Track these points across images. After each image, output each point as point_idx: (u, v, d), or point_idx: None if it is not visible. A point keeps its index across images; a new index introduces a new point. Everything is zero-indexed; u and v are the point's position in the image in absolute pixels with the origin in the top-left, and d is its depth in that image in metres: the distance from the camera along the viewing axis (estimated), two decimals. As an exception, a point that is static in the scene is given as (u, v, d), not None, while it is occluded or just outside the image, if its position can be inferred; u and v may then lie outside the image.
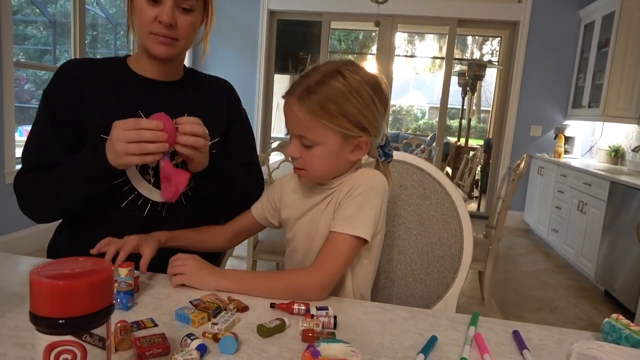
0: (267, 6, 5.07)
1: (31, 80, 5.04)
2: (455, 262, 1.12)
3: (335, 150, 0.90)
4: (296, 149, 0.91)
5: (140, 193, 1.04)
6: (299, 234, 0.99)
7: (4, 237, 2.98)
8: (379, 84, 0.90)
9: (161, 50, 1.00)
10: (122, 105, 1.03)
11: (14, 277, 0.90)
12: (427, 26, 6.46)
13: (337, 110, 0.86)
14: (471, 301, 2.88)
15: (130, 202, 1.04)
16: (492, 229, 2.56)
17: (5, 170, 2.96)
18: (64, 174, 0.97)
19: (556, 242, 4.00)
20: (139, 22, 0.99)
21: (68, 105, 1.01)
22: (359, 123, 0.88)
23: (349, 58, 0.93)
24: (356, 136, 0.89)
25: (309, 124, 0.87)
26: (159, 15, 0.96)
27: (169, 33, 0.98)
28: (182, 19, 0.99)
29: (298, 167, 0.93)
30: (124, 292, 0.77)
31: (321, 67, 0.89)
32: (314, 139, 0.88)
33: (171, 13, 0.97)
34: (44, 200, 1.00)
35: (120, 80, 1.06)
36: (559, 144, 4.47)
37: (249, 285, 0.85)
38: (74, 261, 0.48)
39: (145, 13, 0.97)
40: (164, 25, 0.97)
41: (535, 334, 0.79)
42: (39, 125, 1.03)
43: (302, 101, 0.86)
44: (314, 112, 0.86)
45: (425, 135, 9.36)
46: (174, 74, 1.11)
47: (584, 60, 4.51)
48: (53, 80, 1.04)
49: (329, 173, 0.94)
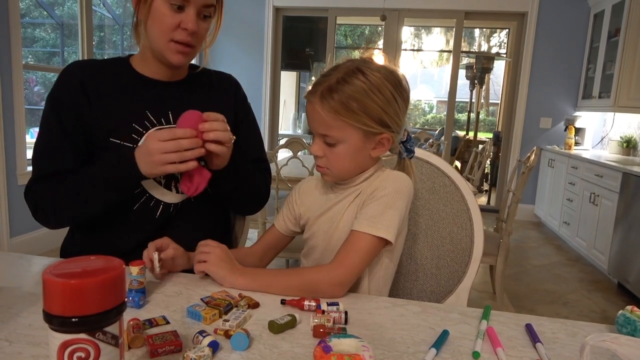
0: (273, 3, 5.06)
1: (40, 82, 5.08)
2: (466, 255, 1.12)
3: (358, 147, 0.91)
4: (319, 147, 0.92)
5: (152, 195, 1.04)
6: (318, 232, 1.00)
7: (16, 238, 3.02)
8: (399, 80, 0.91)
9: (180, 59, 1.01)
10: (129, 106, 1.03)
11: (27, 277, 0.91)
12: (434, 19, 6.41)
13: (359, 108, 0.87)
14: (483, 295, 2.86)
15: (142, 205, 1.04)
16: (502, 223, 2.54)
17: (17, 172, 3.00)
18: (86, 183, 0.96)
19: (568, 235, 3.96)
20: (158, 29, 0.97)
21: (75, 108, 1.00)
22: (380, 120, 0.89)
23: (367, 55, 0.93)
24: (378, 133, 0.90)
25: (332, 123, 0.88)
26: (183, 23, 0.96)
27: (191, 40, 0.98)
28: (202, 26, 1.00)
29: (321, 165, 0.94)
30: (136, 290, 0.77)
31: (341, 66, 0.90)
32: (337, 137, 0.89)
33: (196, 20, 0.97)
34: (62, 208, 0.99)
35: (125, 82, 1.05)
36: (569, 135, 4.42)
37: (266, 283, 0.86)
38: (85, 260, 0.49)
39: (167, 20, 0.96)
40: (188, 32, 0.97)
41: (548, 327, 0.78)
42: (47, 131, 1.02)
43: (324, 100, 0.88)
44: (337, 110, 0.87)
45: (434, 130, 9.31)
46: (179, 74, 1.12)
47: (593, 50, 4.45)
48: (58, 83, 1.02)
49: (352, 170, 0.95)
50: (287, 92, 7.94)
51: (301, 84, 9.07)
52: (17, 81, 2.94)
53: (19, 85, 2.97)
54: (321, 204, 1.00)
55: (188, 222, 1.09)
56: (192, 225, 1.10)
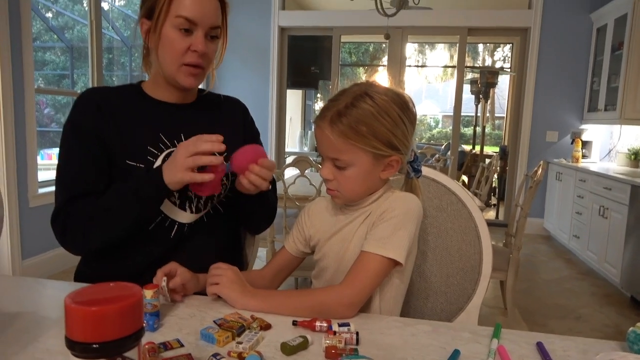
0: (278, 23, 5.15)
1: (50, 104, 5.17)
2: (475, 273, 1.12)
3: (368, 170, 0.92)
4: (329, 171, 0.94)
5: (167, 215, 1.06)
6: (329, 254, 1.01)
7: (28, 260, 3.04)
8: (406, 102, 0.94)
9: (191, 82, 1.04)
10: (143, 129, 1.06)
11: (43, 301, 0.93)
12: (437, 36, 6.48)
13: (368, 132, 0.89)
14: (494, 311, 2.84)
15: (157, 224, 1.06)
16: (511, 237, 2.53)
17: (28, 194, 3.04)
18: (115, 199, 0.98)
19: (578, 249, 3.93)
20: (170, 54, 1.01)
21: (95, 131, 1.02)
22: (389, 142, 0.91)
23: (372, 79, 0.96)
24: (387, 155, 0.92)
25: (342, 147, 0.90)
26: (192, 45, 1.00)
27: (201, 62, 1.02)
28: (210, 47, 1.04)
29: (332, 188, 0.96)
30: (150, 314, 0.79)
31: (349, 90, 0.92)
32: (347, 161, 0.91)
33: (204, 42, 1.01)
34: (91, 228, 0.99)
35: (138, 106, 1.09)
36: (576, 148, 4.42)
37: (277, 305, 0.87)
38: (104, 287, 0.50)
39: (177, 44, 1.00)
40: (198, 54, 1.00)
41: (558, 345, 0.78)
42: (70, 156, 1.03)
43: (333, 125, 0.90)
44: (346, 134, 0.89)
45: (440, 145, 9.32)
46: (190, 97, 1.15)
47: (597, 64, 4.47)
48: (76, 110, 1.05)
49: (362, 193, 0.96)
50: (293, 109, 8.01)
51: (307, 102, 9.15)
52: (29, 104, 3.01)
53: (31, 108, 3.03)
54: (331, 226, 1.02)
55: (200, 241, 1.11)
56: (205, 244, 1.12)
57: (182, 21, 0.98)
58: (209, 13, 1.01)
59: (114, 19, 4.83)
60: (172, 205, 1.06)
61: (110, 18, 4.65)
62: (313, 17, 5.32)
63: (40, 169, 3.24)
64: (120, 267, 1.06)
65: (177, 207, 1.07)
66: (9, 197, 2.86)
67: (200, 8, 0.99)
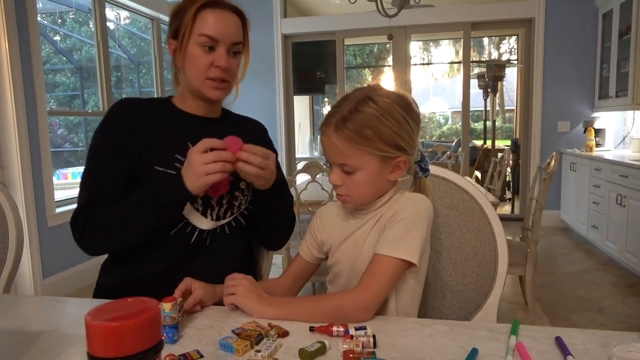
0: (281, 31, 5.19)
1: (63, 124, 5.27)
2: (491, 270, 1.11)
3: (376, 173, 0.93)
4: (338, 177, 0.95)
5: (189, 221, 1.09)
6: (342, 258, 1.01)
7: (48, 278, 3.10)
8: (409, 103, 0.94)
9: (217, 94, 1.10)
10: (172, 138, 1.11)
11: (64, 319, 0.95)
12: (441, 33, 6.46)
13: (374, 135, 0.89)
14: (514, 307, 2.81)
15: (179, 229, 1.09)
16: (528, 231, 2.51)
17: (46, 214, 3.09)
18: (136, 203, 1.01)
19: (597, 239, 3.87)
20: (195, 70, 1.08)
21: (126, 141, 1.07)
22: (395, 144, 0.91)
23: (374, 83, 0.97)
24: (394, 157, 0.93)
25: (348, 151, 0.91)
26: (215, 61, 1.06)
27: (225, 76, 1.09)
28: (233, 62, 1.10)
29: (341, 193, 0.96)
30: (169, 326, 0.80)
31: (351, 96, 0.93)
32: (354, 165, 0.92)
33: (226, 57, 1.07)
34: (110, 230, 1.03)
35: (168, 116, 1.14)
36: (589, 137, 4.36)
37: (293, 311, 0.87)
38: (123, 302, 0.52)
39: (201, 61, 1.06)
40: (221, 69, 1.07)
41: (578, 338, 0.77)
42: (96, 161, 1.08)
43: (339, 131, 0.90)
44: (352, 139, 0.90)
45: (450, 141, 9.26)
46: (215, 112, 1.21)
47: (606, 50, 4.41)
48: (107, 119, 1.10)
49: (371, 196, 0.97)
50: (302, 115, 8.04)
51: (315, 107, 9.18)
52: (42, 126, 3.07)
53: (44, 130, 3.09)
54: (343, 230, 1.02)
55: (219, 250, 1.13)
56: (223, 254, 1.14)
57: (205, 39, 1.05)
58: (230, 30, 1.07)
59: (120, 37, 4.91)
60: (194, 212, 1.09)
61: (117, 37, 4.73)
62: (315, 23, 5.35)
63: (57, 188, 3.30)
64: (140, 270, 1.09)
65: (200, 214, 1.10)
66: (28, 218, 2.92)
67: (221, 26, 1.06)
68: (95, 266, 1.20)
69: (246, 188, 1.17)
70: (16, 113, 2.85)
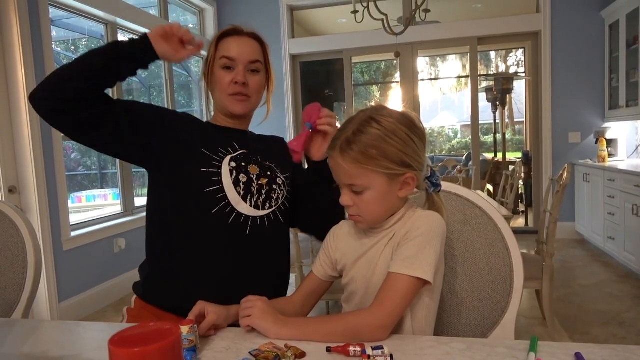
0: (289, 51, 5.26)
1: (76, 149, 5.37)
2: (507, 285, 1.10)
3: (385, 191, 0.94)
4: (348, 198, 0.96)
5: (229, 202, 1.14)
6: (356, 277, 1.01)
7: (65, 302, 3.12)
8: (412, 121, 0.96)
9: (240, 108, 1.23)
10: (205, 142, 1.20)
11: (85, 344, 0.96)
12: (448, 48, 6.50)
13: (379, 154, 0.90)
14: (532, 322, 2.76)
15: (220, 209, 1.13)
16: (543, 244, 2.48)
17: (62, 238, 3.13)
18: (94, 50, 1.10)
19: (615, 250, 3.81)
20: (219, 89, 1.22)
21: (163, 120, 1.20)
22: (401, 161, 0.92)
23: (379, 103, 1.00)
24: (401, 174, 0.93)
25: (355, 172, 0.92)
26: (234, 78, 1.20)
27: (243, 90, 1.21)
28: (252, 79, 1.23)
29: (353, 214, 0.98)
30: (187, 349, 0.80)
31: (355, 118, 0.95)
32: (362, 185, 0.93)
33: (244, 74, 1.21)
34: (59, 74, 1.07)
35: (204, 129, 1.27)
36: (601, 148, 4.33)
37: (309, 331, 0.88)
38: (144, 327, 0.53)
39: (223, 80, 1.21)
40: (239, 84, 1.20)
41: (598, 354, 0.76)
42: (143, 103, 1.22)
43: (344, 153, 0.92)
44: (358, 160, 0.91)
45: (461, 155, 9.24)
46: (243, 126, 1.32)
47: (614, 60, 4.40)
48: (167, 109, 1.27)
49: (383, 214, 0.98)
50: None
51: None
52: (57, 151, 3.13)
53: (59, 154, 3.15)
54: (356, 249, 1.03)
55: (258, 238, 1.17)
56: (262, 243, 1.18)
57: (225, 61, 1.20)
58: (246, 50, 1.22)
59: (132, 62, 5.01)
60: (236, 195, 1.15)
61: (129, 62, 4.82)
62: (322, 42, 5.42)
63: (72, 211, 3.35)
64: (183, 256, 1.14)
65: (240, 197, 1.15)
66: (44, 242, 2.96)
67: (238, 48, 1.21)
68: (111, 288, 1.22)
69: (282, 184, 1.23)
70: (32, 138, 2.91)
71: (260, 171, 1.20)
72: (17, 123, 2.91)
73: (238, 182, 1.16)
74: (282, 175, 1.25)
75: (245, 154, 1.22)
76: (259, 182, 1.18)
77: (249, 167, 1.20)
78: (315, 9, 5.56)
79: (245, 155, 1.22)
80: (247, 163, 1.20)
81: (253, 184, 1.17)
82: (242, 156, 1.21)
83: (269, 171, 1.22)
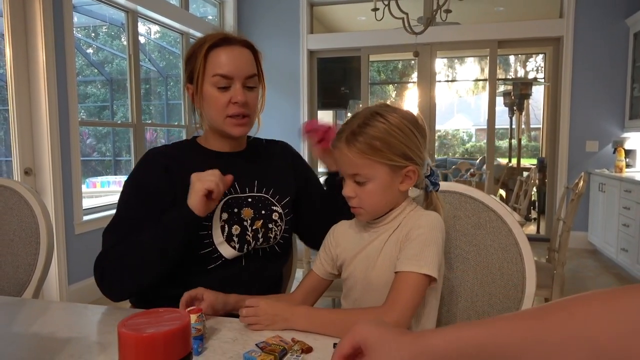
0: (307, 47, 5.25)
1: (92, 134, 5.43)
2: (519, 291, 1.09)
3: (387, 182, 0.96)
4: (351, 189, 0.97)
5: (225, 258, 1.10)
6: (355, 272, 1.02)
7: (74, 285, 3.16)
8: (415, 119, 0.99)
9: (239, 130, 1.11)
10: None
11: (93, 327, 0.97)
12: (467, 50, 6.44)
13: (383, 146, 0.93)
14: (539, 330, 2.72)
15: (217, 266, 1.10)
16: (554, 253, 2.45)
17: (74, 222, 3.17)
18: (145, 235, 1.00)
19: (627, 262, 3.75)
20: (214, 110, 1.08)
21: (161, 186, 1.07)
22: (404, 154, 0.94)
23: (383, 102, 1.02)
24: (403, 166, 0.96)
25: (359, 162, 0.94)
26: (233, 97, 1.07)
27: (244, 111, 1.09)
28: (250, 96, 1.10)
29: (354, 205, 0.98)
30: (194, 338, 0.80)
31: (361, 113, 0.98)
32: (366, 175, 0.95)
33: (243, 92, 1.08)
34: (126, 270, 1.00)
35: (197, 157, 1.14)
36: (619, 158, 4.25)
37: (322, 325, 0.88)
38: (154, 313, 0.52)
39: (219, 100, 1.07)
40: (239, 104, 1.07)
41: (612, 366, 0.75)
42: (128, 210, 1.06)
43: (350, 144, 0.94)
44: (362, 151, 0.93)
45: (474, 159, 9.16)
46: (240, 145, 1.21)
47: (637, 70, 4.32)
48: (141, 169, 1.11)
49: (383, 206, 0.99)
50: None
51: (338, 121, 9.23)
52: (74, 135, 3.16)
53: (76, 139, 3.18)
54: (356, 244, 1.03)
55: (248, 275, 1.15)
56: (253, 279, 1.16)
57: (219, 79, 1.06)
58: (243, 65, 1.08)
59: (150, 51, 5.05)
60: (231, 251, 1.10)
61: (147, 50, 4.86)
62: (341, 39, 5.40)
63: (85, 196, 3.39)
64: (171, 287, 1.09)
65: (236, 251, 1.10)
66: (57, 224, 3.00)
67: (233, 63, 1.07)
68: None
69: (279, 218, 1.17)
70: (49, 122, 2.95)
71: (254, 212, 1.13)
72: (35, 107, 2.94)
73: (231, 237, 1.09)
74: (279, 204, 1.18)
75: (236, 199, 1.12)
76: (253, 228, 1.12)
77: (242, 211, 1.12)
78: (335, 5, 5.54)
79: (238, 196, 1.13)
80: (240, 207, 1.12)
81: (248, 232, 1.11)
82: (232, 200, 1.11)
83: (263, 209, 1.14)
